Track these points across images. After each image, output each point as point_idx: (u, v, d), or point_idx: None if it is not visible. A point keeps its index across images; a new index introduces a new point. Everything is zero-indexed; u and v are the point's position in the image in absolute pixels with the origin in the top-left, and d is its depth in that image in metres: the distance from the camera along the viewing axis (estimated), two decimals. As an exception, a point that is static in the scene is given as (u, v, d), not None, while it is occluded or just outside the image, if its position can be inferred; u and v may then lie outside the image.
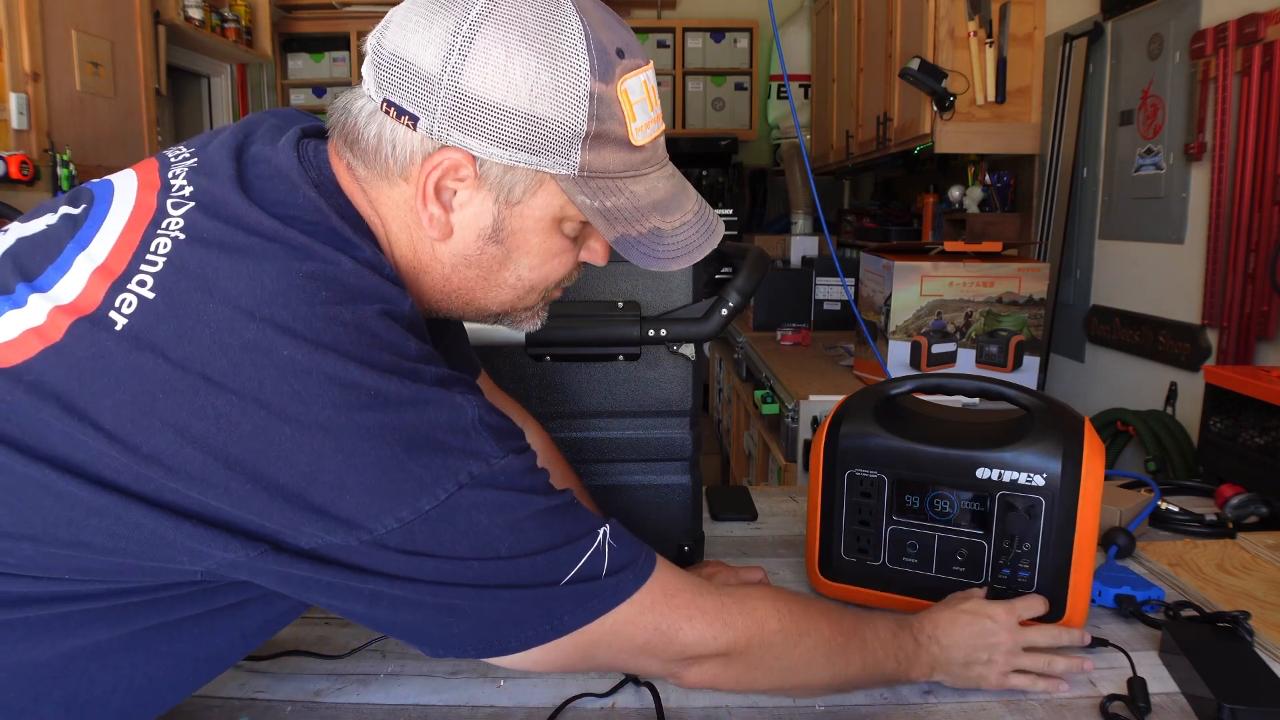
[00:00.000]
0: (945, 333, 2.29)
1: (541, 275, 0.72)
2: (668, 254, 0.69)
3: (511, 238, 0.68)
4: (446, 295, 0.72)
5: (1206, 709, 0.82)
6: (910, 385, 1.07)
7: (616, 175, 0.66)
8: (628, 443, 1.13)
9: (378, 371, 0.58)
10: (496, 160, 0.64)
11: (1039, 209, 2.80)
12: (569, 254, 0.72)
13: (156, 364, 0.56)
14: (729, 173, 5.18)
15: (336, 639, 1.00)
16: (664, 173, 0.71)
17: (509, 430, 0.64)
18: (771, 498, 1.47)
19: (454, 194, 0.66)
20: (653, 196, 0.69)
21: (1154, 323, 2.25)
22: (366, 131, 0.65)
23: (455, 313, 0.75)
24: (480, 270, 0.70)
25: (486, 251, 0.69)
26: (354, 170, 0.68)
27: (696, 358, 1.10)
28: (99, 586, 0.60)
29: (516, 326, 0.78)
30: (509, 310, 0.75)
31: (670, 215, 0.70)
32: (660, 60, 5.17)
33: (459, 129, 0.62)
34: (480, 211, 0.67)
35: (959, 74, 2.74)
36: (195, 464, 0.56)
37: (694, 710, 0.86)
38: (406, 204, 0.67)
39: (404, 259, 0.70)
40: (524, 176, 0.65)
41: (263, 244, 0.60)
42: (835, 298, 3.46)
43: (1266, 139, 1.83)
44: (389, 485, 0.58)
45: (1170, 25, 2.15)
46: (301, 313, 0.58)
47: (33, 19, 2.76)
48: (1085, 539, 0.94)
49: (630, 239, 0.68)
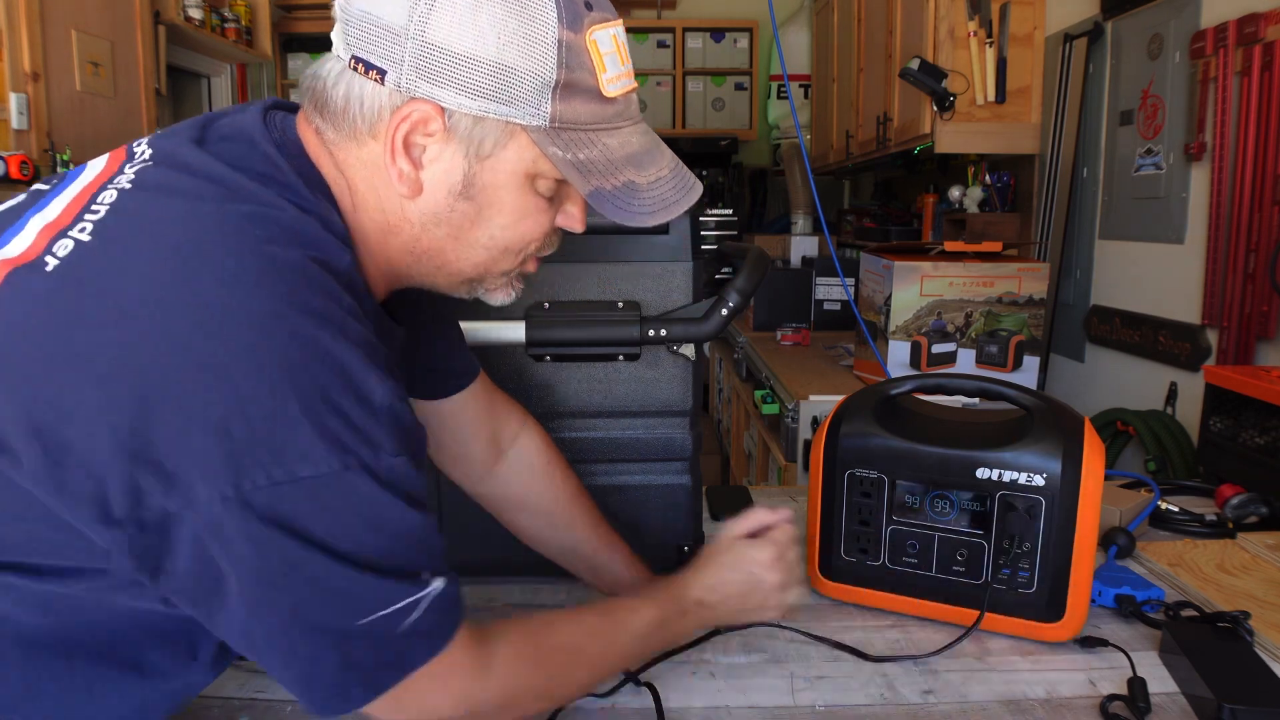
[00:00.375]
0: (945, 333, 2.29)
1: (515, 235, 0.70)
2: (643, 209, 0.68)
3: (483, 194, 0.67)
4: (417, 257, 0.70)
5: (1206, 709, 0.82)
6: (910, 385, 1.07)
7: (588, 127, 0.66)
8: (628, 443, 1.13)
9: (301, 316, 0.56)
10: (466, 111, 0.63)
11: (1039, 209, 2.80)
12: (544, 215, 0.71)
13: (74, 298, 0.55)
14: (729, 173, 5.18)
15: (336, 639, 1.00)
16: (638, 129, 0.70)
17: (412, 432, 0.62)
18: (771, 498, 1.47)
19: (424, 150, 0.65)
20: (626, 150, 0.68)
21: (1154, 323, 2.25)
22: (335, 93, 0.65)
23: (428, 278, 0.73)
24: (451, 229, 0.68)
25: (457, 209, 0.67)
26: (323, 134, 0.67)
27: (696, 358, 1.10)
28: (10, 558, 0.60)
29: (489, 297, 0.75)
30: (482, 275, 0.73)
31: (645, 170, 0.69)
32: (660, 60, 5.17)
33: (427, 80, 0.62)
34: (450, 167, 0.65)
35: (959, 74, 2.74)
36: (90, 401, 0.53)
37: (694, 710, 0.86)
38: (375, 163, 0.66)
39: (372, 221, 0.68)
40: (494, 128, 0.64)
41: (205, 185, 0.60)
42: (835, 298, 3.46)
43: (1266, 139, 1.83)
44: (273, 438, 0.54)
45: (1170, 25, 2.15)
46: (231, 246, 0.56)
47: (33, 19, 2.76)
48: (1085, 539, 0.94)
49: (605, 193, 0.67)
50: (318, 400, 0.56)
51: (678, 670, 0.93)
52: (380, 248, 0.69)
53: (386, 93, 0.63)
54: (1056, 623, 0.96)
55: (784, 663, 0.95)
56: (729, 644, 0.99)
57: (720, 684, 0.91)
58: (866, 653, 0.96)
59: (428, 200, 0.67)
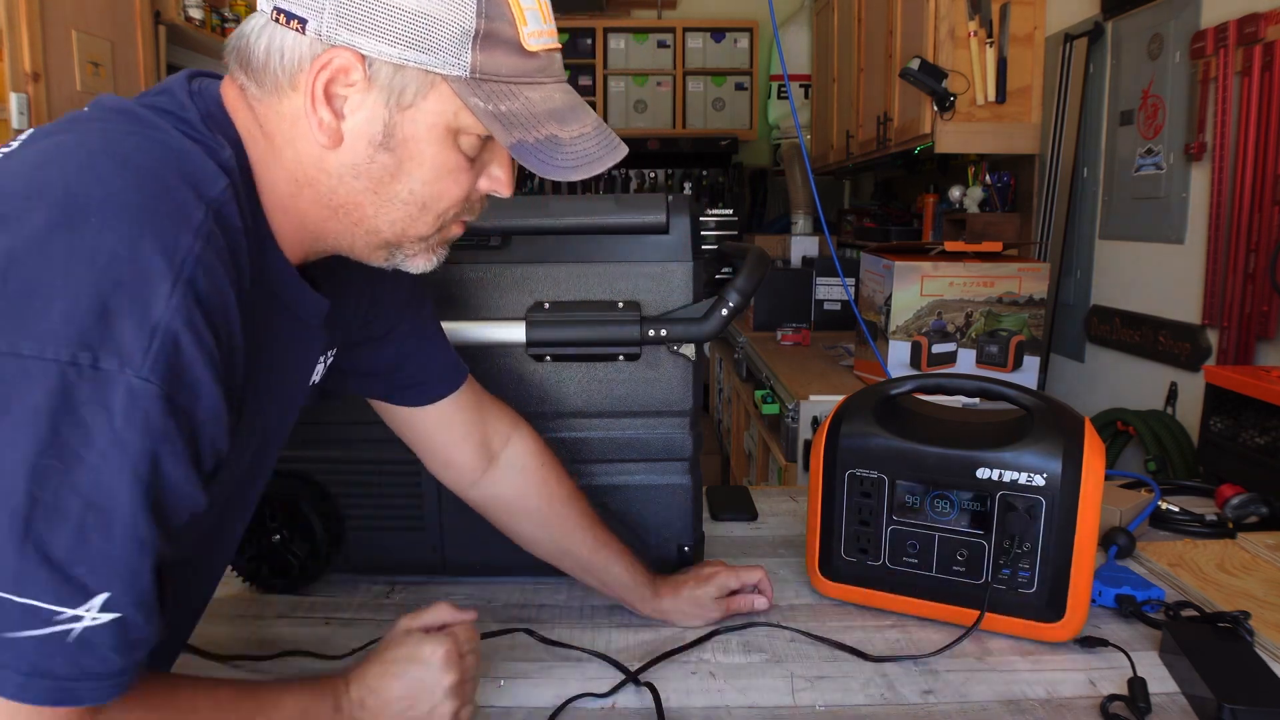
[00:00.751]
0: (945, 333, 2.29)
1: (435, 192, 0.68)
2: (566, 162, 0.67)
3: (403, 146, 0.66)
4: (334, 211, 0.68)
5: (1207, 709, 0.82)
6: (910, 385, 1.07)
7: (510, 80, 0.66)
8: (628, 443, 1.13)
9: (119, 211, 0.53)
10: (386, 59, 0.63)
11: (1039, 209, 2.80)
12: (464, 174, 0.69)
13: None
14: (729, 173, 5.19)
15: (336, 639, 1.00)
16: (561, 87, 0.70)
17: (188, 371, 0.54)
18: (771, 498, 1.47)
19: (345, 101, 0.64)
20: (549, 105, 0.68)
21: (1154, 323, 2.25)
22: (257, 46, 0.65)
23: (345, 238, 0.71)
24: (370, 181, 0.67)
25: (377, 160, 0.66)
26: (246, 91, 0.67)
27: (696, 358, 1.10)
28: None
29: (409, 264, 0.73)
30: (401, 236, 0.70)
31: (568, 125, 0.68)
32: (660, 60, 5.17)
33: (347, 27, 0.62)
34: (371, 116, 0.65)
35: (959, 74, 2.74)
36: None
37: (694, 710, 0.86)
38: (296, 115, 0.65)
39: (286, 172, 0.67)
40: (415, 78, 0.64)
41: (105, 113, 0.61)
42: (835, 298, 3.46)
43: (1266, 139, 1.83)
44: (21, 305, 0.50)
45: (1170, 25, 2.15)
46: (93, 146, 0.57)
47: (33, 19, 2.76)
48: (1085, 539, 0.94)
49: (527, 146, 0.66)
50: (84, 280, 0.51)
51: (678, 670, 0.93)
52: (293, 200, 0.68)
53: (307, 42, 0.63)
54: (1057, 623, 0.96)
55: (784, 663, 0.95)
56: (729, 644, 0.99)
57: (720, 684, 0.91)
58: (866, 653, 0.96)
59: (347, 151, 0.66)
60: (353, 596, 1.12)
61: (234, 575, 1.12)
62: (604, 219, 1.06)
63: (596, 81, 5.14)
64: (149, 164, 0.58)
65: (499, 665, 0.94)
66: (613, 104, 5.17)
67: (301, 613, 1.07)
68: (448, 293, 1.09)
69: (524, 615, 1.06)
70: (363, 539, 1.14)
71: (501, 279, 1.09)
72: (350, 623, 1.05)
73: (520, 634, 1.01)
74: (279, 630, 1.03)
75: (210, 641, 0.99)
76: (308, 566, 1.10)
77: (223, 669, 0.94)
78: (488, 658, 0.96)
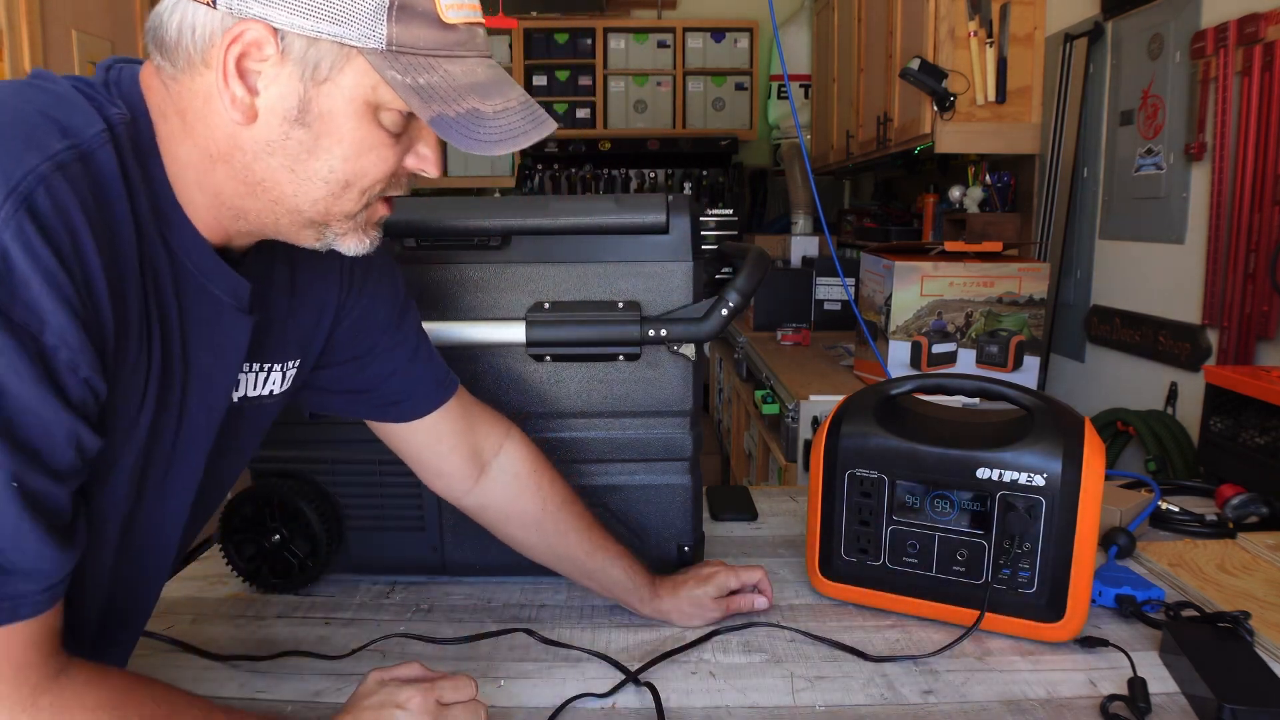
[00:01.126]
0: (945, 333, 2.29)
1: (356, 169, 0.67)
2: (489, 136, 0.66)
3: (320, 121, 0.65)
4: (251, 188, 0.67)
5: (1207, 709, 0.82)
6: (910, 385, 1.07)
7: (429, 53, 0.65)
8: (628, 443, 1.13)
9: None
10: (299, 32, 0.62)
11: (1039, 209, 2.80)
12: (388, 150, 0.68)
13: None
14: (729, 173, 5.18)
15: (336, 639, 1.00)
16: (485, 62, 0.69)
17: (21, 288, 0.53)
18: (771, 498, 1.47)
19: (259, 75, 0.64)
20: (470, 79, 0.67)
21: (1154, 323, 2.25)
22: (170, 24, 0.64)
23: (269, 218, 0.69)
24: (287, 158, 0.66)
25: (293, 136, 0.65)
26: (162, 71, 0.66)
27: (697, 358, 1.10)
28: None
29: (340, 243, 0.72)
30: (326, 215, 0.69)
31: (491, 99, 0.67)
32: (660, 60, 5.17)
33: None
34: (285, 91, 0.64)
35: (959, 74, 2.74)
36: None
37: (694, 710, 0.86)
38: (209, 92, 0.64)
39: (198, 148, 0.66)
40: (329, 51, 0.63)
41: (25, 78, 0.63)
42: (835, 298, 3.46)
43: (1267, 139, 1.83)
44: None
45: (1170, 25, 2.15)
46: None
47: (33, 19, 2.76)
48: (1085, 539, 0.94)
49: (448, 119, 0.65)
50: None
51: (678, 670, 0.93)
52: (207, 176, 0.67)
53: (219, 16, 0.62)
54: (1057, 623, 0.96)
55: (784, 663, 0.95)
56: (729, 644, 0.99)
57: (720, 684, 0.91)
58: (866, 653, 0.96)
59: (262, 127, 0.65)
60: (353, 596, 1.12)
61: (234, 575, 1.12)
62: (604, 219, 1.06)
63: (596, 81, 5.14)
64: (20, 104, 0.59)
65: (499, 665, 0.94)
66: (613, 104, 5.17)
67: (301, 613, 1.07)
68: (448, 293, 1.09)
69: (524, 615, 1.06)
70: (363, 539, 1.14)
71: (501, 279, 1.09)
72: (350, 623, 1.05)
73: (520, 634, 1.01)
74: (279, 630, 1.03)
75: (210, 641, 0.99)
76: (308, 566, 1.10)
77: (223, 669, 0.94)
78: (488, 658, 0.96)
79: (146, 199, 0.64)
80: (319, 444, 1.10)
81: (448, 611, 1.07)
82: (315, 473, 1.12)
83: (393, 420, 0.93)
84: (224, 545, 1.11)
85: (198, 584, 1.16)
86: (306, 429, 1.05)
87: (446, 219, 1.08)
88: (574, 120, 5.15)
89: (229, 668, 0.94)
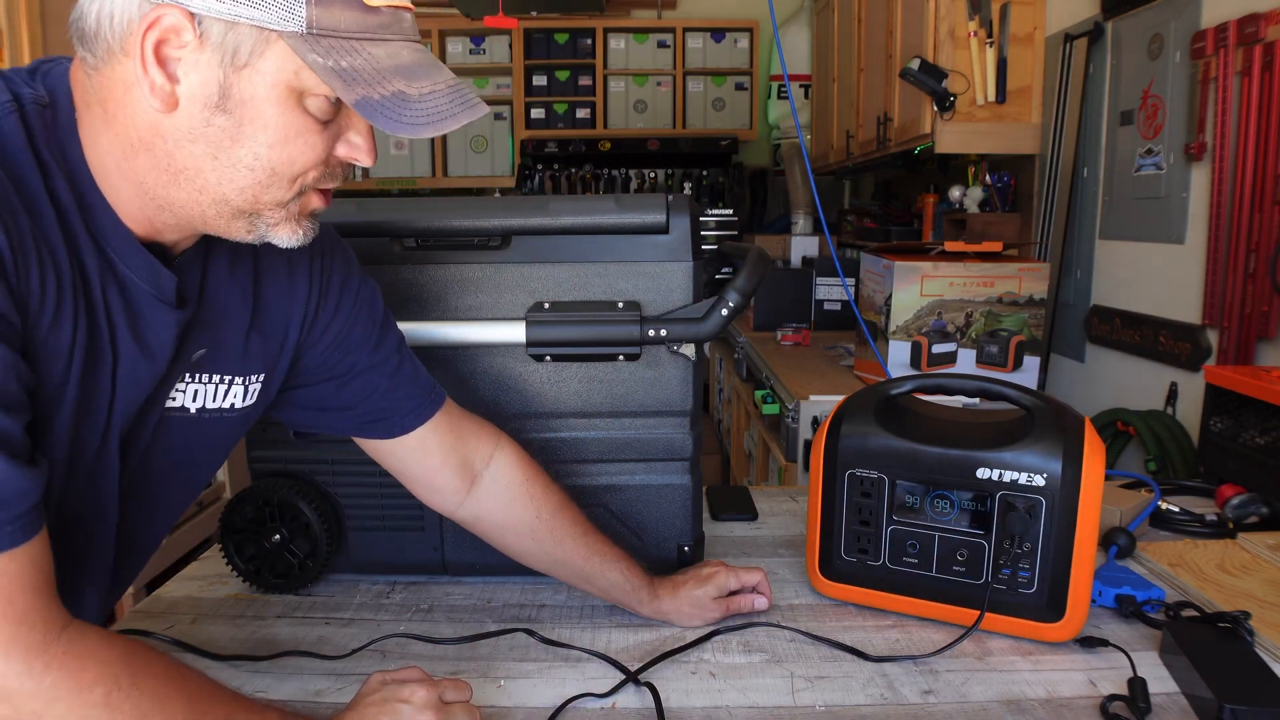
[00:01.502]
0: (945, 333, 2.29)
1: (283, 157, 0.66)
2: (415, 119, 0.65)
3: (242, 107, 0.64)
4: (174, 176, 0.66)
5: (1207, 709, 0.82)
6: (910, 385, 1.07)
7: (351, 36, 0.64)
8: (628, 443, 1.13)
9: None
10: (217, 16, 0.61)
11: (1039, 209, 2.80)
12: (316, 137, 0.67)
13: None
14: (729, 173, 5.18)
15: (336, 639, 1.00)
16: (411, 46, 0.68)
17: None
18: (771, 498, 1.47)
19: (179, 63, 0.63)
20: (396, 61, 0.66)
21: (1154, 323, 2.25)
22: (90, 14, 0.64)
23: (195, 208, 0.68)
24: (209, 146, 0.65)
25: (214, 123, 0.64)
26: (85, 62, 0.66)
27: (697, 358, 1.10)
28: None
29: (273, 234, 0.71)
30: (254, 204, 0.68)
31: (417, 82, 0.66)
32: (660, 60, 5.17)
33: None
34: (205, 78, 0.63)
35: (959, 74, 2.74)
36: None
37: (694, 710, 0.86)
38: (129, 80, 0.64)
39: (120, 137, 0.66)
40: (249, 35, 0.62)
41: None
42: (835, 298, 3.46)
43: (1267, 139, 1.82)
44: None
45: (1170, 25, 2.15)
46: None
47: (33, 19, 2.76)
48: (1085, 539, 0.94)
49: (373, 102, 0.64)
50: None
51: (678, 670, 0.93)
52: (128, 165, 0.66)
53: (135, 3, 0.61)
54: (1057, 623, 0.96)
55: (784, 663, 0.95)
56: (729, 644, 0.99)
57: (720, 684, 0.91)
58: (866, 653, 0.96)
59: (183, 115, 0.64)
60: (353, 596, 1.12)
61: (234, 575, 1.12)
62: (604, 219, 1.06)
63: (596, 81, 5.14)
64: None
65: (499, 665, 0.94)
66: (613, 104, 5.17)
67: (301, 613, 1.07)
68: (448, 293, 1.09)
69: (524, 615, 1.06)
70: (363, 539, 1.14)
71: (501, 279, 1.09)
72: (350, 623, 1.05)
73: (520, 634, 1.01)
74: (279, 630, 1.03)
75: (210, 641, 0.99)
76: (308, 566, 1.10)
77: (223, 669, 0.94)
78: (488, 658, 0.96)
79: (66, 184, 0.64)
80: (319, 444, 1.10)
81: (448, 611, 1.07)
82: (315, 473, 1.12)
83: (378, 437, 0.93)
84: (224, 545, 1.11)
85: (198, 584, 1.16)
86: (306, 429, 1.05)
87: (446, 219, 1.08)
88: (574, 120, 5.15)
89: (229, 668, 0.94)
